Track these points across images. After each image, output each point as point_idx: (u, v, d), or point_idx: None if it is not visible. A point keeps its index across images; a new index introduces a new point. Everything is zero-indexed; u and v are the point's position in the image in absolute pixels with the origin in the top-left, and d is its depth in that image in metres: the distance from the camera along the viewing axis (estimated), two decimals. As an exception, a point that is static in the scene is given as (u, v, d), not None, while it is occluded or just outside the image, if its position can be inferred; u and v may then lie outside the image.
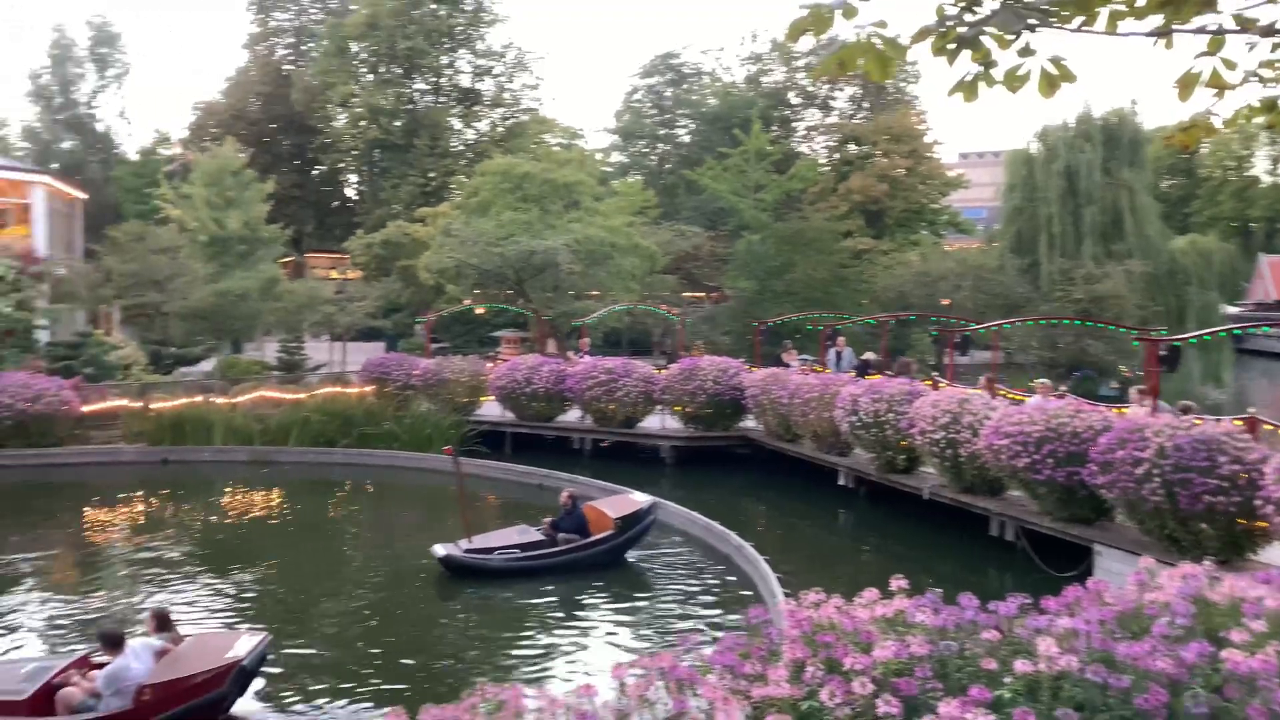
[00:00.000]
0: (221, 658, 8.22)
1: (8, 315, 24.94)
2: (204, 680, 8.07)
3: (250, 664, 8.35)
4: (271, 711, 9.06)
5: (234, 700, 8.47)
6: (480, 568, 12.92)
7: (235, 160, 39.92)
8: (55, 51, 64.97)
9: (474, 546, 13.13)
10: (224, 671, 8.09)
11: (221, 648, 8.45)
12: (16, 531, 16.53)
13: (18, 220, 45.26)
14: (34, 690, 8.15)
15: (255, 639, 8.66)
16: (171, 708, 7.94)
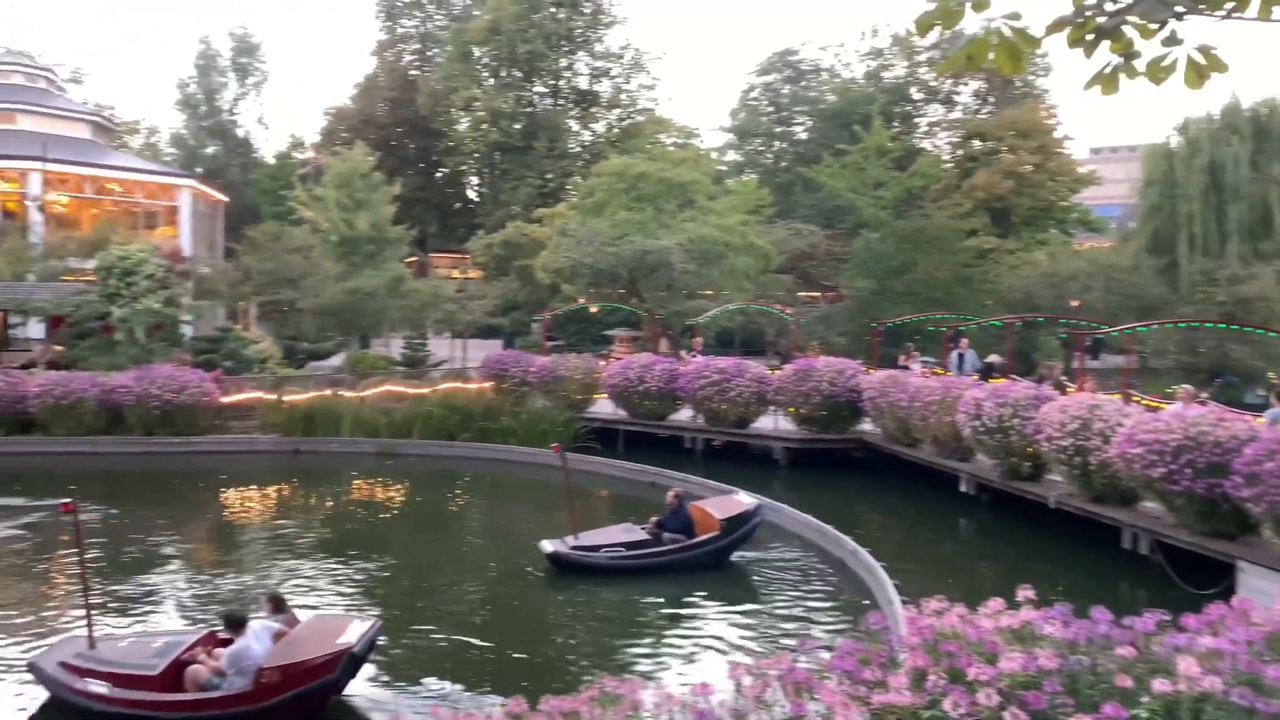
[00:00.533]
0: (334, 643, 8.36)
1: (157, 311, 26.55)
2: (318, 665, 8.23)
3: (360, 650, 8.50)
4: (383, 697, 9.29)
5: (345, 684, 8.74)
6: (586, 565, 13.02)
7: (364, 163, 41.48)
8: (201, 62, 68.88)
9: (580, 544, 13.25)
10: (336, 657, 8.24)
11: (334, 633, 8.60)
12: (163, 515, 17.66)
13: (166, 221, 48.25)
14: (164, 666, 8.59)
15: (366, 625, 8.82)
16: (287, 690, 8.15)
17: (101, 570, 13.56)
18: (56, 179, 43.23)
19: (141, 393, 22.60)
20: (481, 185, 68.15)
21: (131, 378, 23.00)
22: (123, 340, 26.25)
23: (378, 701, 9.15)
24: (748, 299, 34.23)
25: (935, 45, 52.57)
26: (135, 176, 48.36)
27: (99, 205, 46.29)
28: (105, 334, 26.98)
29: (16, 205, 43.42)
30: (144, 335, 26.25)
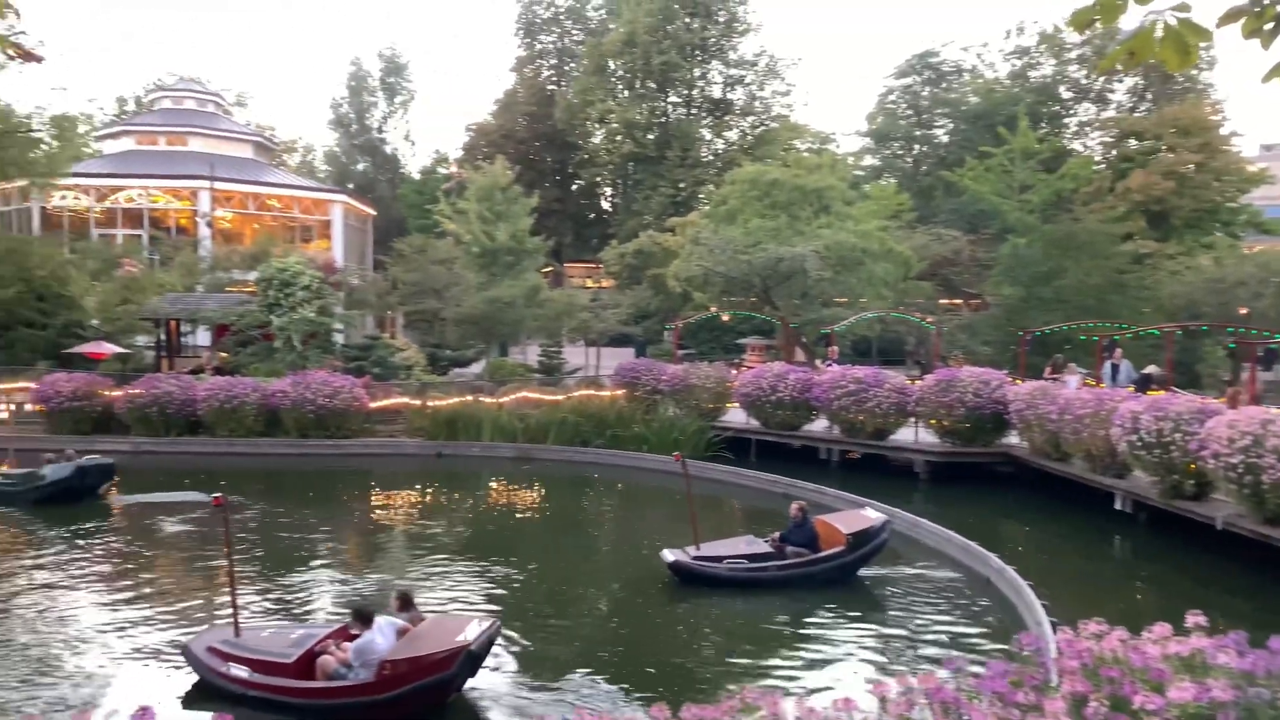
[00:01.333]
0: (453, 641, 8.55)
1: (312, 320, 28.03)
2: (436, 661, 8.43)
3: (478, 649, 8.63)
4: (505, 696, 9.37)
5: (462, 682, 8.88)
6: (707, 576, 12.86)
7: (504, 177, 42.72)
8: (352, 83, 72.52)
9: (702, 554, 13.10)
10: (453, 654, 8.42)
11: (454, 631, 8.79)
12: (314, 513, 18.61)
13: (320, 235, 50.99)
14: (299, 655, 9.09)
15: (484, 625, 8.94)
16: (405, 684, 8.42)
17: (255, 563, 14.41)
18: (223, 196, 46.33)
19: (297, 397, 23.90)
20: (615, 196, 69.13)
21: (288, 383, 24.36)
22: (281, 348, 27.83)
23: (500, 701, 9.25)
24: (886, 307, 33.45)
25: (1087, 41, 50.17)
26: (292, 193, 51.34)
27: (260, 220, 49.35)
28: (265, 341, 28.68)
29: (188, 221, 46.76)
30: (300, 343, 27.75)
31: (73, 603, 12.35)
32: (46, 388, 24.75)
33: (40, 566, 14.17)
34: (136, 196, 46.72)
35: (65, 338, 30.68)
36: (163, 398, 24.16)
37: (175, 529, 16.54)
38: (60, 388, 24.61)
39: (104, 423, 24.85)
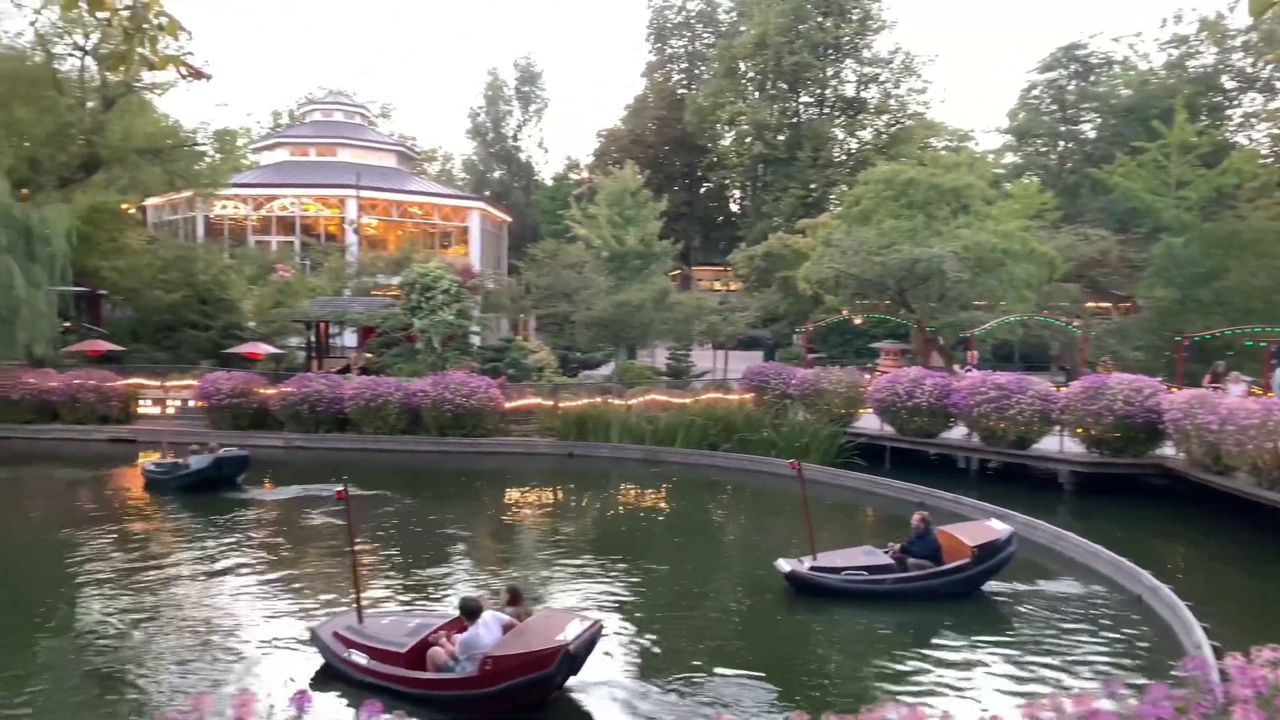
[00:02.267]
0: (553, 639, 8.56)
1: (451, 323, 28.98)
2: (535, 658, 8.47)
3: (577, 649, 8.60)
4: (614, 695, 9.37)
5: (562, 680, 8.89)
6: (824, 587, 12.55)
7: (633, 181, 43.14)
8: (489, 93, 74.67)
9: (819, 564, 12.79)
10: (552, 653, 8.44)
11: (555, 630, 8.78)
12: (453, 509, 19.23)
13: (458, 240, 52.66)
14: (412, 645, 9.31)
15: (586, 625, 8.94)
16: (506, 680, 8.48)
17: (392, 554, 15.04)
18: (368, 204, 48.45)
19: (437, 397, 24.76)
20: (744, 198, 68.80)
21: (429, 383, 25.26)
22: (422, 349, 28.88)
23: (611, 700, 9.24)
24: (1029, 310, 32.08)
25: (1255, 27, 46.86)
26: (433, 200, 53.22)
27: (402, 226, 51.37)
28: (407, 343, 29.82)
29: (336, 228, 49.11)
30: (440, 344, 28.73)
31: (217, 585, 13.17)
32: (208, 385, 26.47)
33: (188, 550, 15.16)
34: (290, 205, 49.39)
35: (225, 338, 32.71)
36: (312, 396, 25.44)
37: (318, 520, 17.33)
38: (220, 385, 26.26)
39: (259, 419, 26.35)
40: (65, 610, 12.37)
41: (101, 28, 30.59)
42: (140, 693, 9.39)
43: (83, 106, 34.66)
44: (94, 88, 35.05)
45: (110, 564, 14.45)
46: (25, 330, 26.21)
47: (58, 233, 27.65)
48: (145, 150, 36.23)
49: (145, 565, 14.33)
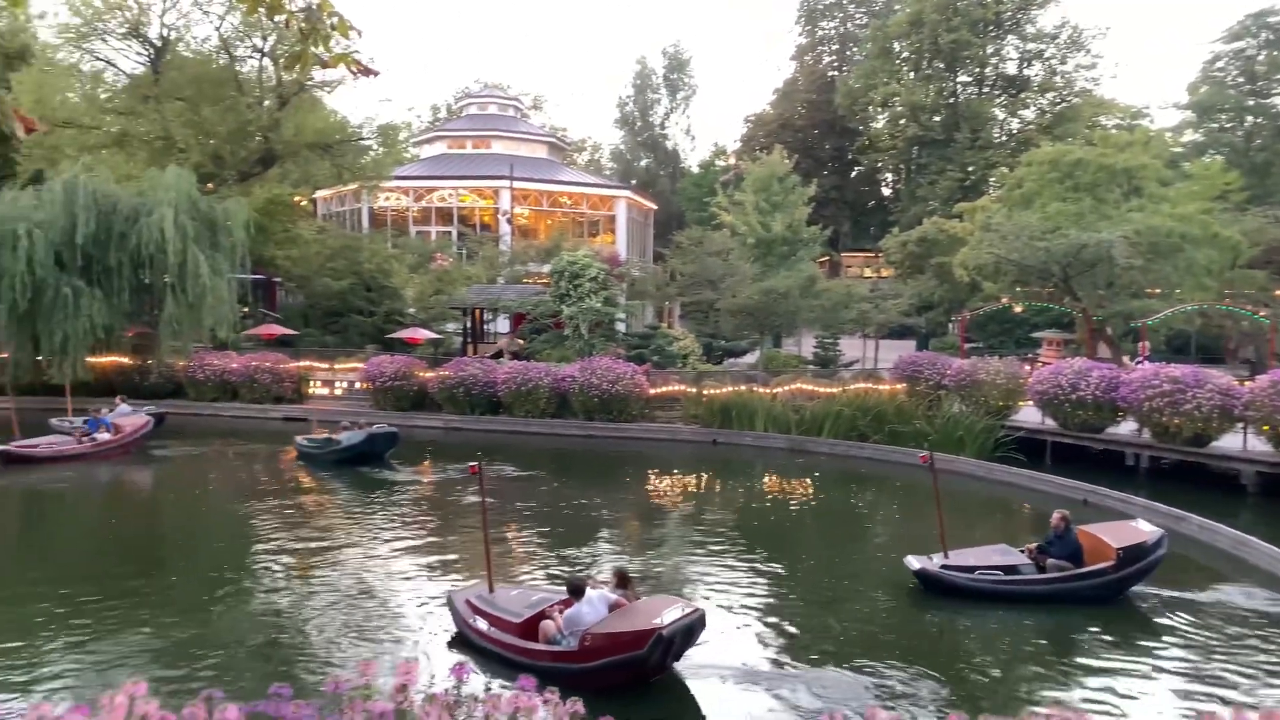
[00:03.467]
0: (649, 622, 8.65)
1: (598, 310, 29.44)
2: (629, 639, 8.60)
3: (672, 633, 8.59)
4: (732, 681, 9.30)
5: (658, 663, 8.79)
6: (956, 586, 11.99)
7: (781, 167, 42.58)
8: (638, 82, 75.22)
9: (950, 563, 12.24)
10: (645, 635, 8.53)
11: (653, 613, 8.86)
12: (598, 492, 19.56)
13: (605, 229, 53.38)
14: (527, 616, 9.67)
15: (685, 612, 8.91)
16: (601, 658, 8.65)
17: (538, 531, 15.46)
18: (520, 194, 49.71)
19: (584, 382, 25.23)
20: (897, 182, 66.85)
21: (576, 369, 25.77)
22: (570, 335, 29.47)
23: (730, 692, 9.14)
24: (1209, 298, 29.85)
25: None
26: (581, 189, 54.12)
27: (552, 216, 52.50)
28: (556, 329, 30.49)
29: (491, 218, 50.66)
30: (587, 331, 29.23)
31: (374, 554, 13.86)
32: (373, 368, 27.86)
33: (347, 521, 16.02)
34: (447, 196, 51.28)
35: (388, 324, 34.35)
36: (468, 379, 26.39)
37: (470, 496, 17.93)
38: (384, 368, 27.59)
39: (419, 400, 27.54)
40: (242, 579, 13.30)
41: (278, 30, 32.51)
42: (311, 659, 9.97)
43: (260, 105, 37.00)
44: (270, 87, 37.35)
45: (277, 534, 15.49)
46: (210, 315, 28.29)
47: (238, 224, 29.65)
48: (316, 145, 38.38)
49: (309, 535, 15.27)
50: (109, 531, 16.41)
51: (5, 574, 13.40)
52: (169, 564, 14.22)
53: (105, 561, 14.11)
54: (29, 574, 13.32)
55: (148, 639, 10.31)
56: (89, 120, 36.08)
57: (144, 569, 13.61)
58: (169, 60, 36.24)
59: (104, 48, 36.51)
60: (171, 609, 11.43)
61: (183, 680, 8.95)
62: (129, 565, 13.81)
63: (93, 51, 36.71)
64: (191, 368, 29.44)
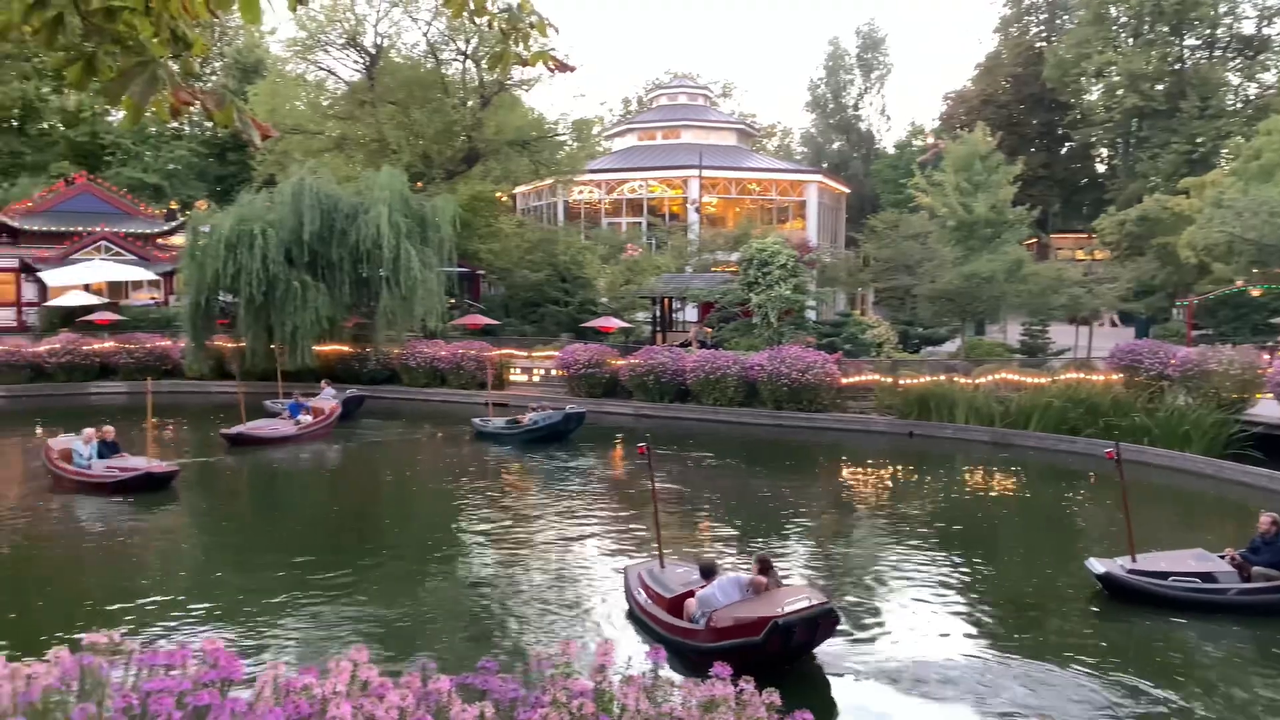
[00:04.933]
0: (769, 611, 8.61)
1: (788, 297, 29.07)
2: (744, 625, 8.60)
3: (789, 623, 8.44)
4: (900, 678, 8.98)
5: (775, 652, 8.47)
6: (1146, 592, 10.98)
7: (984, 144, 40.51)
8: (830, 63, 73.60)
9: (1139, 567, 11.23)
10: (760, 623, 8.47)
11: (779, 602, 8.80)
12: (787, 482, 19.33)
13: (795, 215, 52.64)
14: (678, 593, 9.88)
15: (809, 603, 8.75)
16: (721, 639, 8.63)
17: (725, 516, 15.47)
18: (709, 183, 49.84)
19: (773, 371, 25.00)
20: (1113, 157, 62.13)
21: (765, 357, 25.57)
22: (759, 323, 29.28)
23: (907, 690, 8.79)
24: None
25: None
26: (770, 175, 53.61)
27: (741, 203, 52.31)
28: (745, 318, 30.37)
29: (679, 208, 51.09)
30: (776, 319, 28.95)
31: (570, 531, 14.25)
32: (567, 356, 28.76)
33: (542, 499, 16.59)
34: (637, 187, 52.12)
35: (582, 313, 35.36)
36: (657, 367, 26.75)
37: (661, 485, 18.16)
38: (578, 356, 28.42)
39: (611, 388, 28.19)
40: (447, 553, 14.10)
41: (480, 32, 34.02)
42: (510, 632, 10.43)
43: (464, 106, 38.90)
44: (473, 88, 39.18)
45: (476, 510, 16.40)
46: (421, 306, 30.15)
47: (445, 220, 31.37)
48: (515, 142, 39.98)
49: (506, 512, 16.02)
50: (326, 507, 17.77)
51: (242, 546, 14.77)
52: (381, 538, 15.22)
53: (325, 534, 15.33)
54: (262, 546, 14.65)
55: (364, 608, 11.08)
56: (313, 126, 39.13)
57: (359, 542, 14.63)
58: (382, 67, 38.72)
59: (325, 58, 39.47)
60: (385, 581, 12.25)
61: (397, 648, 9.56)
62: (346, 538, 14.91)
63: (316, 62, 39.77)
64: (404, 355, 31.38)
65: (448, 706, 3.28)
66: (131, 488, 16.71)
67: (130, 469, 16.97)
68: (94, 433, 17.47)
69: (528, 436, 22.66)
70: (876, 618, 11.01)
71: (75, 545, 14.30)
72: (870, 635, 10.35)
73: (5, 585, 12.26)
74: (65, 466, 17.09)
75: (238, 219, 29.18)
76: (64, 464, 17.10)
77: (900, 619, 10.91)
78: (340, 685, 3.25)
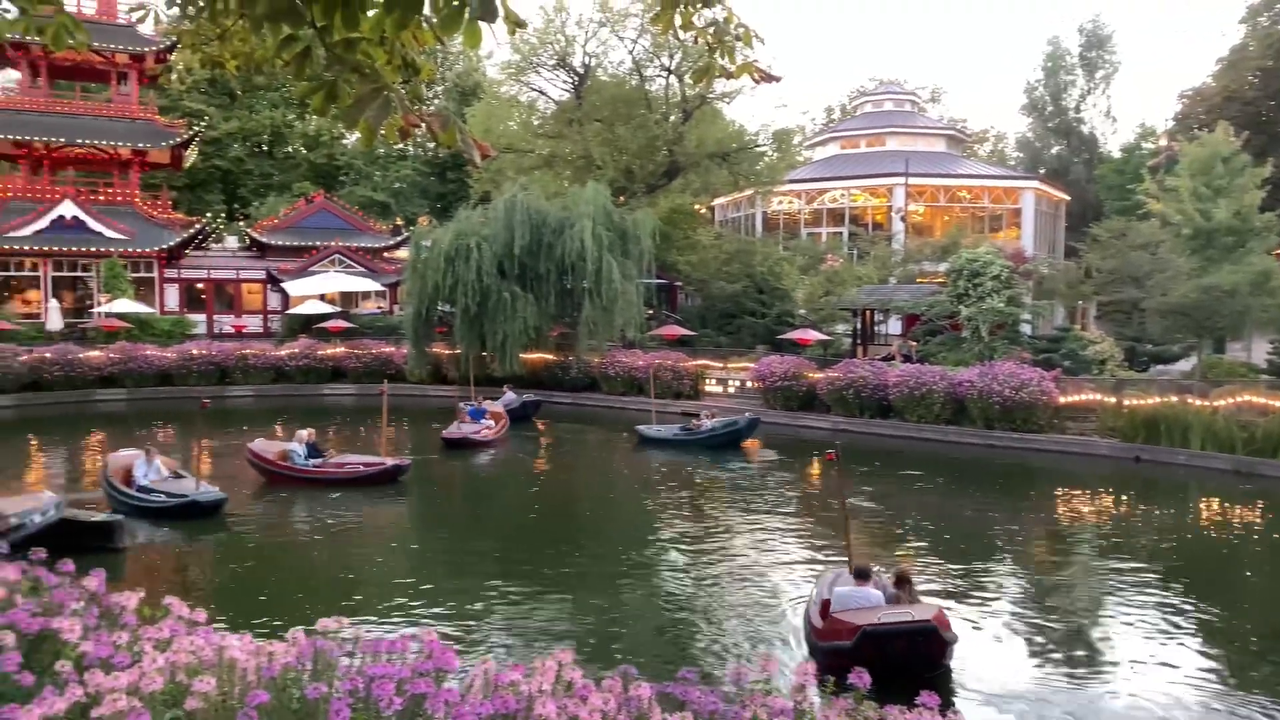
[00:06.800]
0: (868, 619, 8.70)
1: (1000, 310, 27.63)
2: (842, 629, 8.81)
3: (877, 633, 8.47)
4: None
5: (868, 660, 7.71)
6: None
7: (1226, 146, 36.99)
8: (1048, 64, 69.54)
9: None
10: (851, 630, 8.63)
11: (879, 614, 8.88)
12: (997, 505, 18.33)
13: (1009, 223, 50.06)
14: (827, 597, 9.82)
15: (907, 618, 8.74)
16: (826, 640, 9.00)
17: (925, 537, 14.77)
18: (915, 191, 48.21)
19: (984, 388, 23.80)
20: (1387, 156, 55.12)
21: (975, 373, 24.38)
22: (968, 337, 27.98)
23: None
24: None
25: None
26: (982, 183, 51.24)
27: (950, 212, 50.28)
28: (953, 331, 29.11)
29: (883, 217, 49.73)
30: (988, 333, 27.57)
31: (759, 540, 14.05)
32: (764, 368, 28.57)
33: (726, 507, 16.47)
34: (839, 197, 51.15)
35: (779, 325, 35.05)
36: (857, 381, 26.08)
37: (863, 505, 17.65)
38: (774, 368, 28.18)
39: (808, 401, 27.74)
40: (641, 558, 14.30)
41: (683, 47, 34.54)
42: (705, 642, 10.43)
43: (666, 120, 39.58)
44: (675, 102, 39.80)
45: (666, 515, 16.59)
46: (621, 316, 30.94)
47: (645, 233, 32.04)
48: (715, 155, 40.28)
49: (697, 517, 16.08)
50: (520, 506, 18.48)
51: (454, 544, 15.59)
52: (576, 539, 15.65)
53: (521, 532, 15.93)
54: (466, 541, 15.45)
55: (564, 609, 11.41)
56: (524, 145, 41.02)
57: (554, 542, 15.10)
58: (589, 85, 40.05)
59: (537, 79, 41.30)
60: (582, 582, 12.58)
61: (593, 649, 9.78)
62: (542, 538, 15.44)
63: (528, 83, 41.69)
64: (604, 364, 32.22)
65: (648, 714, 3.31)
66: (358, 482, 18.18)
67: (350, 466, 18.58)
68: (307, 434, 19.15)
69: (707, 442, 23.29)
70: (1091, 652, 10.30)
71: (306, 535, 15.59)
72: (1083, 670, 9.66)
73: (251, 569, 13.52)
74: (281, 464, 18.60)
75: (455, 234, 31.01)
76: (280, 461, 18.64)
77: (1121, 653, 10.13)
78: (546, 684, 3.34)
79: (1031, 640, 10.61)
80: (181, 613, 4.05)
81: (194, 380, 33.03)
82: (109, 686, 3.06)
